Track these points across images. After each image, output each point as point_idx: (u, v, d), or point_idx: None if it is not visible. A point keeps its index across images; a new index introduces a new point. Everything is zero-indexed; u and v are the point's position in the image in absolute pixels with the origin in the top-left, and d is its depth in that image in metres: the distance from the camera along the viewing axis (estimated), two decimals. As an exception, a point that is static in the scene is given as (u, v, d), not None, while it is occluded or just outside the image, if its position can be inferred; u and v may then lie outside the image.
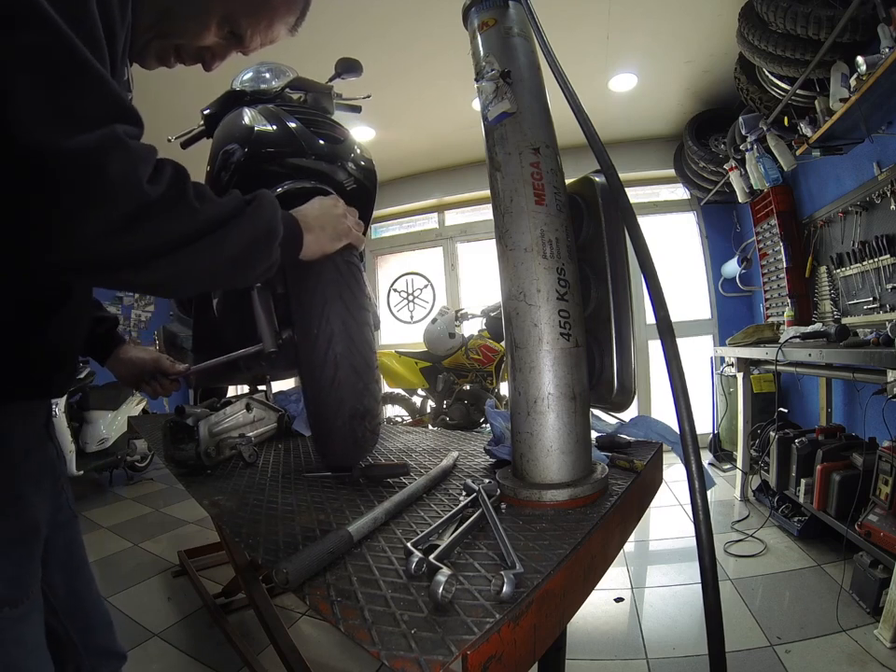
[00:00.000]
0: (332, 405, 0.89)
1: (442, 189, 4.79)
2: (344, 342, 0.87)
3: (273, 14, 0.71)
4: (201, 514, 2.84)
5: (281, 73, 1.19)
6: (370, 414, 0.91)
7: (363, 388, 0.89)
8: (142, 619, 1.88)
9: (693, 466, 0.53)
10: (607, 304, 0.81)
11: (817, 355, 2.07)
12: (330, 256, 0.81)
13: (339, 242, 0.80)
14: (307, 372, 0.93)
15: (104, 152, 0.44)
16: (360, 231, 0.86)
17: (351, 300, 0.88)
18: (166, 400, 5.05)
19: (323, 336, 0.86)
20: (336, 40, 2.64)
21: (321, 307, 0.87)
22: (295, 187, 0.98)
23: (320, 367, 0.87)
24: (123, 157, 0.45)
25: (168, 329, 1.76)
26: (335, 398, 0.88)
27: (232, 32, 0.69)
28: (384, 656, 0.40)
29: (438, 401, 3.53)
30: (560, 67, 0.71)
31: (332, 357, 0.86)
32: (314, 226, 0.75)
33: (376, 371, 0.92)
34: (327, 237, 0.77)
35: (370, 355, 0.90)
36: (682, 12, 2.69)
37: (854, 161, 2.56)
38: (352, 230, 0.82)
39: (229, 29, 0.69)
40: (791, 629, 1.60)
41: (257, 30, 0.71)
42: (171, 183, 0.50)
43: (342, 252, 0.84)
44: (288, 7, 0.72)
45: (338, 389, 0.87)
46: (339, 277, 0.87)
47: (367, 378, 0.89)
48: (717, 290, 4.19)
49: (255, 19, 0.69)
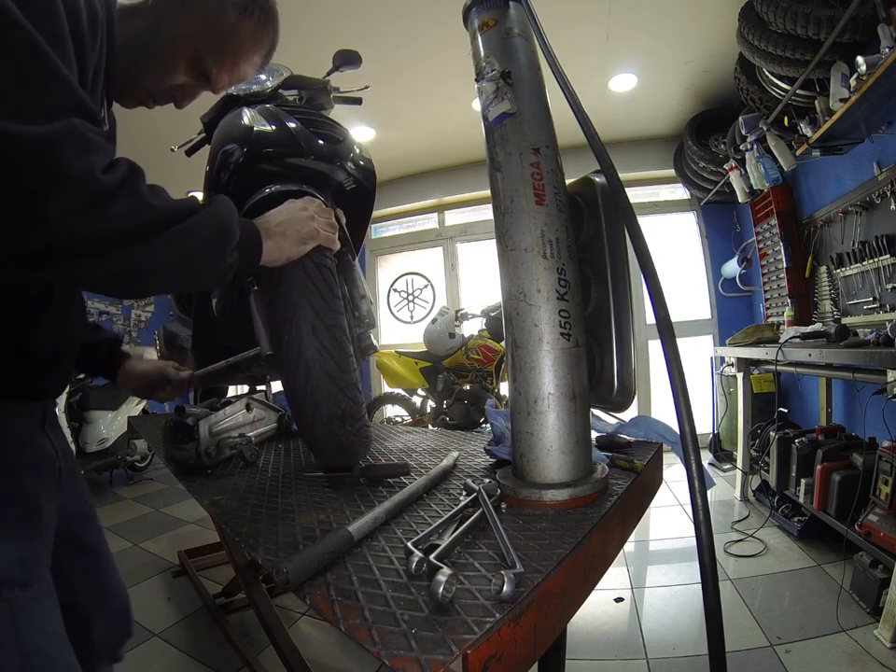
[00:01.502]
0: (309, 409, 0.88)
1: (442, 189, 4.79)
2: (314, 346, 0.85)
3: (238, 54, 0.74)
4: (201, 514, 2.84)
5: (275, 72, 1.18)
6: (350, 418, 0.89)
7: (338, 392, 0.87)
8: (142, 619, 1.88)
9: (693, 466, 0.53)
10: (607, 304, 0.81)
11: (817, 355, 2.07)
12: (299, 260, 0.80)
13: (304, 246, 0.79)
14: (283, 378, 0.93)
15: (60, 140, 0.46)
16: (334, 231, 0.85)
17: (320, 304, 0.87)
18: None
19: (293, 342, 0.86)
20: (334, 38, 2.62)
21: (290, 313, 0.86)
22: (278, 190, 0.97)
23: (293, 372, 0.87)
24: (79, 146, 0.48)
25: (168, 328, 1.76)
26: (310, 402, 0.87)
27: (200, 71, 0.73)
28: (384, 655, 0.40)
29: (438, 401, 3.53)
30: (560, 67, 0.71)
31: (303, 362, 0.85)
32: (275, 232, 0.75)
33: (354, 374, 0.90)
34: (289, 243, 0.76)
35: (343, 358, 0.88)
36: (682, 12, 2.69)
37: (854, 160, 2.56)
38: (320, 231, 0.81)
39: (197, 69, 0.73)
40: (791, 629, 1.60)
41: (222, 69, 0.75)
42: (125, 176, 0.52)
43: (312, 255, 0.83)
44: (253, 48, 0.76)
45: (312, 394, 0.86)
46: (307, 282, 0.86)
47: (341, 382, 0.88)
48: (717, 290, 4.19)
49: (220, 59, 0.73)
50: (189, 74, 0.73)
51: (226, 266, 0.65)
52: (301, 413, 0.91)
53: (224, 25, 0.72)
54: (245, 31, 0.73)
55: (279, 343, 0.90)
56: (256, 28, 0.74)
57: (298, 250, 0.78)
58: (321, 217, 0.83)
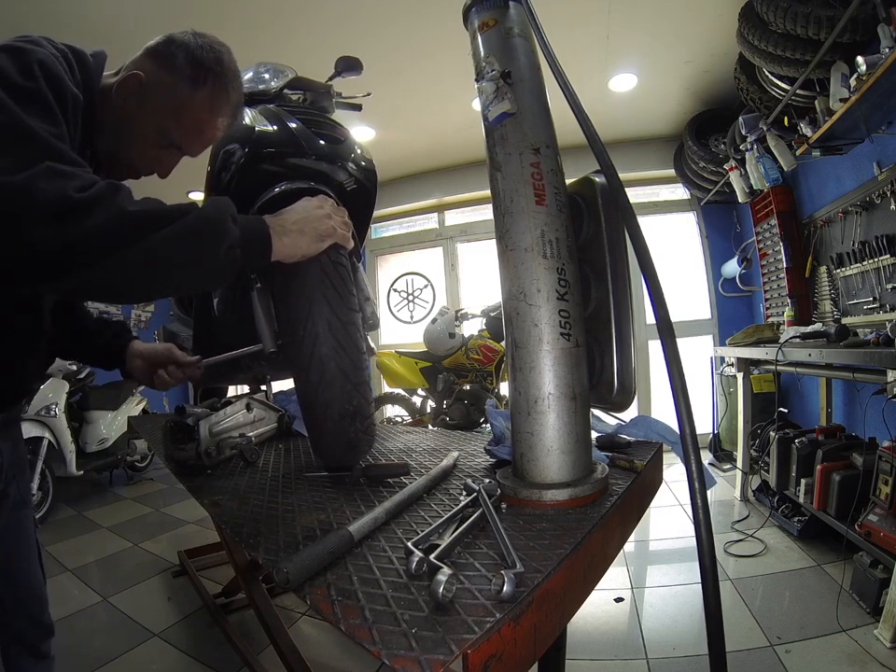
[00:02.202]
0: (321, 406, 0.88)
1: (442, 189, 4.79)
2: (330, 343, 0.86)
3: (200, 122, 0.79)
4: (201, 514, 2.84)
5: (280, 73, 1.18)
6: (360, 415, 0.90)
7: (351, 389, 0.88)
8: (142, 619, 1.88)
9: (693, 466, 0.53)
10: (607, 304, 0.81)
11: (817, 355, 2.07)
12: (316, 257, 0.81)
13: (321, 243, 0.80)
14: (296, 374, 0.93)
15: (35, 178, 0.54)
16: (348, 230, 0.86)
17: (336, 300, 0.87)
18: (166, 400, 5.06)
19: (308, 337, 0.86)
20: (334, 39, 2.65)
21: (306, 309, 0.86)
22: (291, 188, 0.97)
23: (306, 368, 0.87)
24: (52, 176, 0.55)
25: (168, 328, 1.76)
26: (323, 399, 0.88)
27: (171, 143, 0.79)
28: (384, 655, 0.40)
29: (438, 401, 3.53)
30: (560, 67, 0.71)
31: (318, 359, 0.86)
32: (291, 230, 0.76)
33: (366, 372, 0.91)
34: (306, 240, 0.78)
35: (357, 355, 0.89)
36: (682, 12, 2.69)
37: (854, 161, 2.56)
38: (337, 229, 0.82)
39: (166, 142, 0.79)
40: (791, 629, 1.60)
41: (190, 138, 0.80)
42: (101, 191, 0.57)
43: (328, 252, 0.83)
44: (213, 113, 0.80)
45: (325, 390, 0.87)
46: (324, 278, 0.86)
47: (355, 379, 0.88)
48: (717, 290, 4.19)
49: (184, 130, 0.79)
50: (161, 146, 0.79)
51: (222, 265, 0.66)
52: (312, 409, 0.91)
53: (179, 101, 0.76)
54: (201, 100, 0.77)
55: (291, 339, 0.90)
56: (211, 95, 0.78)
57: (315, 247, 0.79)
58: (337, 215, 0.84)
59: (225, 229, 0.66)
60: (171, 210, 0.62)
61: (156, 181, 0.85)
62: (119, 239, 0.57)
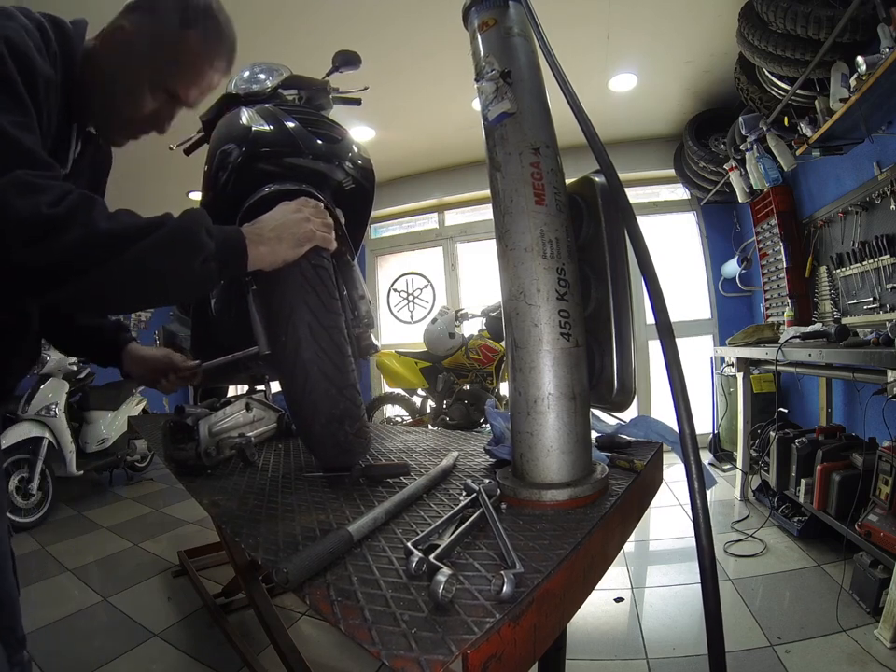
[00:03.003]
0: (308, 411, 0.88)
1: (442, 189, 4.79)
2: (312, 348, 0.85)
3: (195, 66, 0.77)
4: (201, 514, 2.84)
5: (274, 71, 1.18)
6: (349, 419, 0.89)
7: (336, 393, 0.87)
8: (142, 619, 1.88)
9: (693, 466, 0.53)
10: (607, 304, 0.81)
11: (817, 355, 2.07)
12: (296, 261, 0.81)
13: (300, 248, 0.80)
14: (281, 379, 0.93)
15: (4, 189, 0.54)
16: (330, 231, 0.85)
17: (317, 305, 0.87)
18: (166, 400, 5.06)
19: (291, 343, 0.85)
20: (334, 39, 2.62)
21: (287, 314, 0.86)
22: (280, 189, 0.97)
23: (290, 374, 0.87)
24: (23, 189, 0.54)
25: (168, 328, 1.76)
26: (309, 403, 0.87)
27: (167, 92, 0.77)
28: (384, 656, 0.40)
29: (438, 401, 3.53)
30: (560, 67, 0.71)
31: (301, 365, 0.85)
32: (269, 237, 0.75)
33: (352, 375, 0.90)
34: (284, 246, 0.77)
35: (341, 359, 0.88)
36: (682, 12, 2.69)
37: (854, 160, 2.56)
38: (316, 233, 0.81)
39: (162, 91, 0.76)
40: (791, 629, 1.60)
41: (187, 84, 0.77)
42: (74, 206, 0.57)
43: (308, 256, 0.83)
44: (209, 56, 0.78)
45: (310, 395, 0.86)
46: (304, 283, 0.86)
47: (340, 383, 0.87)
48: (717, 290, 4.19)
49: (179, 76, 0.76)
50: (157, 98, 0.77)
51: (198, 278, 0.66)
52: (299, 415, 0.91)
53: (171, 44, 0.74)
54: (194, 42, 0.75)
55: (274, 345, 0.90)
56: (204, 37, 0.76)
57: (294, 253, 0.79)
58: (316, 217, 0.83)
59: (200, 242, 0.66)
60: (144, 224, 0.62)
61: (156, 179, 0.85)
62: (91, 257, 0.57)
